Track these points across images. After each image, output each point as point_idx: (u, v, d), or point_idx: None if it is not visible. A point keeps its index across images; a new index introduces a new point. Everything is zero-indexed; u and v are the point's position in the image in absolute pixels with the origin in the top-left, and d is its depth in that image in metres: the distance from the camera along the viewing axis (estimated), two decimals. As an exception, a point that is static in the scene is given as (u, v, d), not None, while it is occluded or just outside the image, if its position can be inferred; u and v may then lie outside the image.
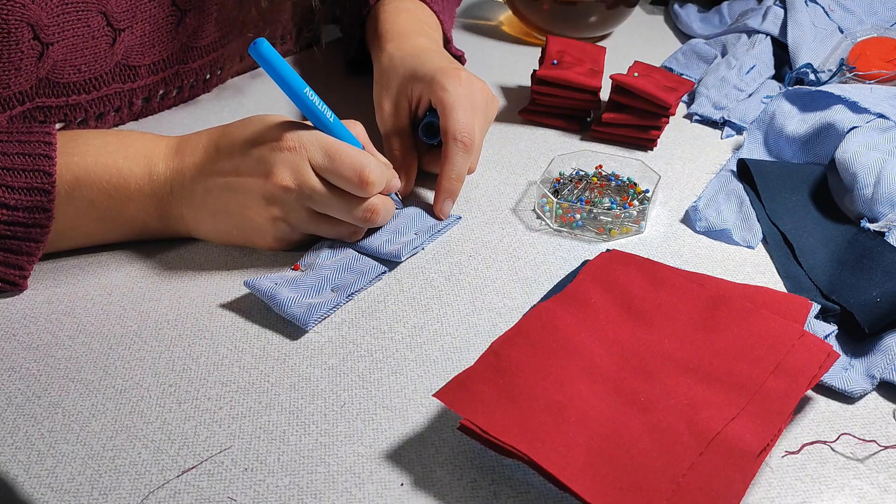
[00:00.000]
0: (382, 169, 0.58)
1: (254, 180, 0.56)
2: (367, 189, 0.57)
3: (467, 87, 0.66)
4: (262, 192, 0.56)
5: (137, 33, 0.70)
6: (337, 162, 0.56)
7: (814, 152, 0.72)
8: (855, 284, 0.57)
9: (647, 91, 0.74)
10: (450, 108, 0.65)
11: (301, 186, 0.56)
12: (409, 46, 0.73)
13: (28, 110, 0.66)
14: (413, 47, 0.73)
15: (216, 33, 0.78)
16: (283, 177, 0.56)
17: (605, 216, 0.65)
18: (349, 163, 0.56)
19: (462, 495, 0.44)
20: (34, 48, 0.61)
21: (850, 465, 0.46)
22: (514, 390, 0.45)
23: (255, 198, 0.57)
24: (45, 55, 0.62)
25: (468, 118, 0.65)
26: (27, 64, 0.62)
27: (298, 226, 0.59)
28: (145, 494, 0.44)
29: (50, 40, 0.62)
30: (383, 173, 0.58)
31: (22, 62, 0.61)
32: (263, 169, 0.56)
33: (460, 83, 0.66)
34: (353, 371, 0.52)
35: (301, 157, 0.56)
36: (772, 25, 0.90)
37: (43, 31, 0.61)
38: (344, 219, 0.59)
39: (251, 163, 0.57)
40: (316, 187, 0.57)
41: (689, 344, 0.49)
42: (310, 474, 0.45)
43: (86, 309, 0.56)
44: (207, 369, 0.51)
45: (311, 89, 0.57)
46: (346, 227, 0.60)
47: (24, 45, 0.60)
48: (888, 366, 0.51)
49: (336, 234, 0.61)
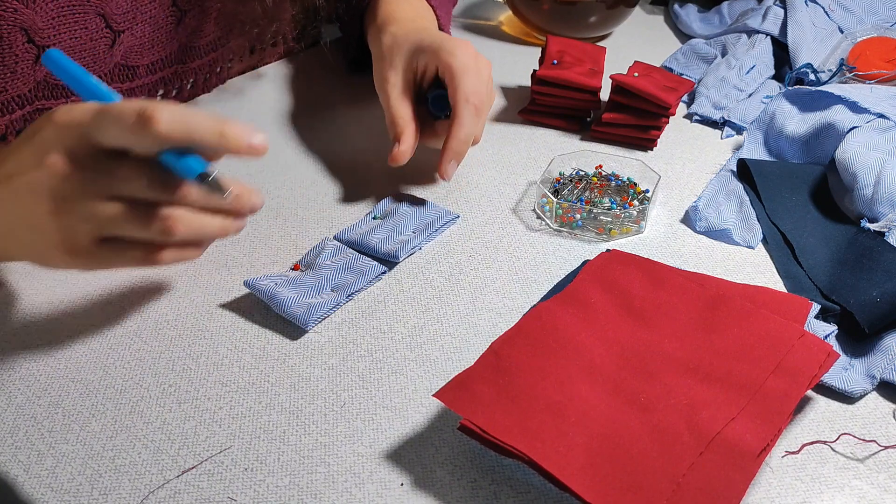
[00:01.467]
0: (184, 116, 0.45)
1: (30, 174, 0.46)
2: (151, 126, 0.43)
3: (475, 59, 0.67)
4: (37, 182, 0.46)
5: (137, 34, 0.70)
6: (113, 109, 0.45)
7: (814, 152, 0.72)
8: (855, 284, 0.57)
9: (647, 91, 0.74)
10: (460, 71, 0.65)
11: (76, 163, 0.45)
12: (411, 27, 0.73)
13: (29, 113, 0.66)
14: (415, 27, 0.73)
15: (215, 33, 0.78)
16: (57, 161, 0.45)
17: (605, 216, 0.65)
18: (128, 105, 0.45)
19: (462, 495, 0.44)
20: (29, 51, 0.61)
21: (850, 465, 0.46)
22: (514, 390, 0.45)
23: (30, 193, 0.46)
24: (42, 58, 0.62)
25: (479, 81, 0.65)
26: (23, 67, 0.61)
27: (82, 214, 0.46)
28: (145, 494, 0.44)
29: (46, 43, 0.62)
30: (183, 119, 0.45)
31: (17, 66, 0.61)
32: (37, 156, 0.46)
33: (468, 52, 0.66)
34: (353, 371, 0.52)
35: (74, 131, 0.45)
36: (772, 25, 0.90)
37: (38, 34, 0.61)
38: (136, 197, 0.46)
39: (26, 155, 0.47)
40: (94, 152, 0.45)
41: (689, 344, 0.49)
42: (310, 474, 0.45)
43: (86, 309, 0.56)
44: (207, 369, 0.51)
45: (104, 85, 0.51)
46: (140, 233, 0.47)
47: (18, 49, 0.60)
48: (888, 366, 0.51)
49: (128, 254, 0.48)
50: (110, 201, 0.46)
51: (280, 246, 0.62)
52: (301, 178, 0.71)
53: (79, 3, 0.64)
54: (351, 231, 0.63)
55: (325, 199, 0.68)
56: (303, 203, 0.67)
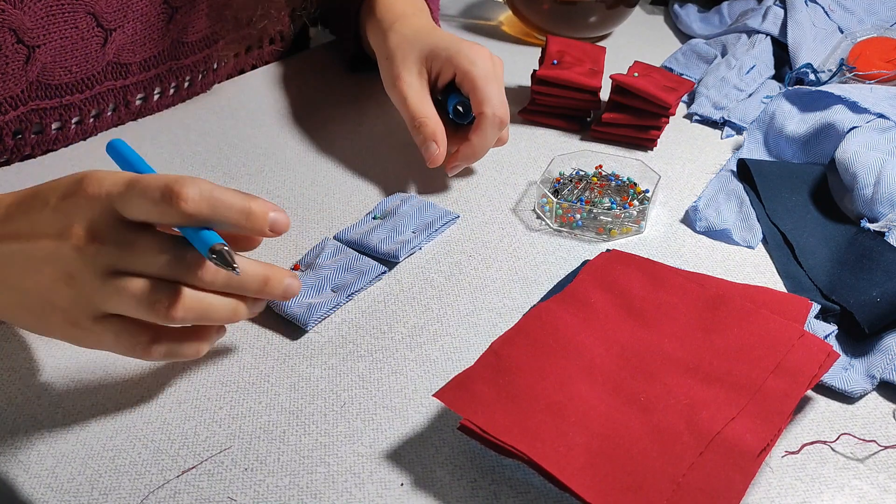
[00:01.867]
0: (211, 193, 0.43)
1: (45, 242, 0.44)
2: (177, 204, 0.42)
3: (493, 65, 0.67)
4: (54, 253, 0.44)
5: (129, 32, 0.70)
6: (141, 183, 0.43)
7: (814, 152, 0.72)
8: (855, 284, 0.57)
9: (647, 91, 0.74)
10: (482, 82, 0.65)
11: (97, 236, 0.43)
12: (417, 25, 0.73)
13: (23, 114, 0.66)
14: (421, 26, 0.73)
15: (208, 28, 0.77)
16: (79, 233, 0.43)
17: (605, 216, 0.65)
18: (156, 179, 0.43)
19: (462, 495, 0.44)
20: (19, 52, 0.61)
21: (850, 465, 0.46)
22: (514, 390, 0.45)
23: (43, 260, 0.44)
24: (33, 58, 0.62)
25: (500, 94, 0.65)
26: (13, 68, 0.61)
27: (93, 286, 0.44)
28: (145, 494, 0.44)
29: (35, 43, 0.62)
30: (211, 197, 0.43)
31: (7, 66, 0.61)
32: (59, 225, 0.44)
33: (487, 59, 0.66)
34: (353, 371, 0.52)
35: (101, 203, 0.44)
36: (772, 25, 0.90)
37: (27, 34, 0.61)
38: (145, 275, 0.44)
39: (48, 220, 0.44)
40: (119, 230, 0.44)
41: (689, 344, 0.49)
42: (310, 474, 0.45)
43: (86, 309, 0.56)
44: (207, 369, 0.51)
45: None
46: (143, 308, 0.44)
47: (8, 50, 0.60)
48: (888, 366, 0.51)
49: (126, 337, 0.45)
50: (123, 276, 0.44)
51: (280, 246, 0.62)
52: (301, 178, 0.71)
53: (68, 3, 0.63)
54: (351, 231, 0.63)
55: (325, 199, 0.68)
56: (303, 203, 0.67)
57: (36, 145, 0.70)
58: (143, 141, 0.74)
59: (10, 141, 0.67)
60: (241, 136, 0.76)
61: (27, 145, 0.69)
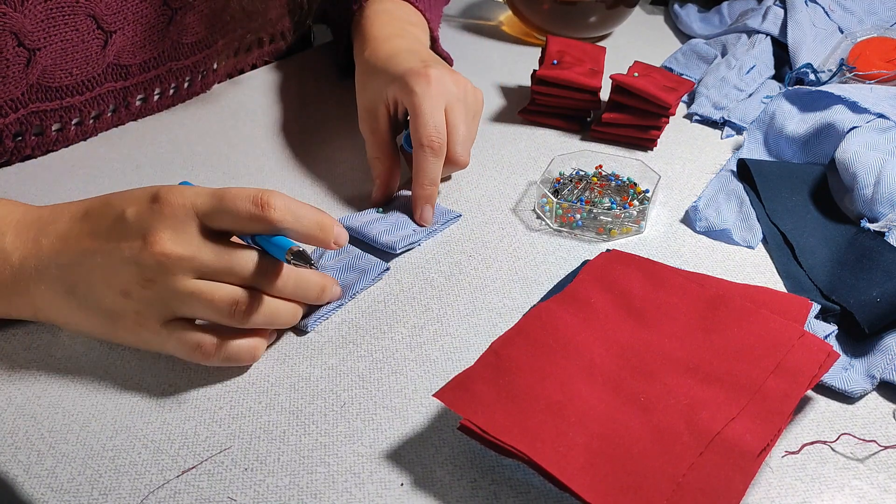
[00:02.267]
0: (289, 204, 0.48)
1: (127, 245, 0.46)
2: (268, 212, 0.47)
3: (437, 84, 0.64)
4: (135, 257, 0.46)
5: (129, 34, 0.70)
6: (229, 195, 0.47)
7: (814, 152, 0.72)
8: (855, 284, 0.57)
9: (647, 91, 0.74)
10: (416, 111, 0.62)
11: (183, 250, 0.46)
12: (383, 51, 0.71)
13: (24, 116, 0.66)
14: (387, 50, 0.71)
15: (206, 30, 0.77)
16: (163, 239, 0.46)
17: (605, 216, 0.65)
18: (243, 191, 0.47)
19: (462, 495, 0.44)
20: (20, 55, 0.61)
21: (850, 465, 0.46)
22: (514, 390, 0.45)
23: (123, 262, 0.46)
24: (33, 61, 0.62)
25: (436, 119, 0.62)
26: (14, 71, 0.61)
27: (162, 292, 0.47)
28: (145, 494, 0.44)
29: (36, 46, 0.62)
30: (291, 207, 0.48)
31: (8, 69, 0.61)
32: (141, 230, 0.46)
33: (429, 82, 0.63)
34: (353, 371, 0.52)
35: (186, 212, 0.46)
36: (772, 25, 0.90)
37: (27, 37, 0.61)
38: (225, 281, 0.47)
39: (125, 225, 0.47)
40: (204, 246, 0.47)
41: (689, 344, 0.49)
42: (310, 474, 0.45)
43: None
44: (207, 369, 0.51)
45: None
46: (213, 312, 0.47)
47: (9, 53, 0.60)
48: (888, 366, 0.51)
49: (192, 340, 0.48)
50: (205, 282, 0.47)
51: (280, 246, 0.62)
52: (301, 178, 0.71)
53: (68, 5, 0.64)
54: (354, 218, 0.63)
55: (325, 200, 0.68)
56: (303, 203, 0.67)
57: (36, 147, 0.70)
58: (143, 141, 0.74)
59: (10, 143, 0.67)
60: (241, 136, 0.76)
61: (27, 147, 0.69)
